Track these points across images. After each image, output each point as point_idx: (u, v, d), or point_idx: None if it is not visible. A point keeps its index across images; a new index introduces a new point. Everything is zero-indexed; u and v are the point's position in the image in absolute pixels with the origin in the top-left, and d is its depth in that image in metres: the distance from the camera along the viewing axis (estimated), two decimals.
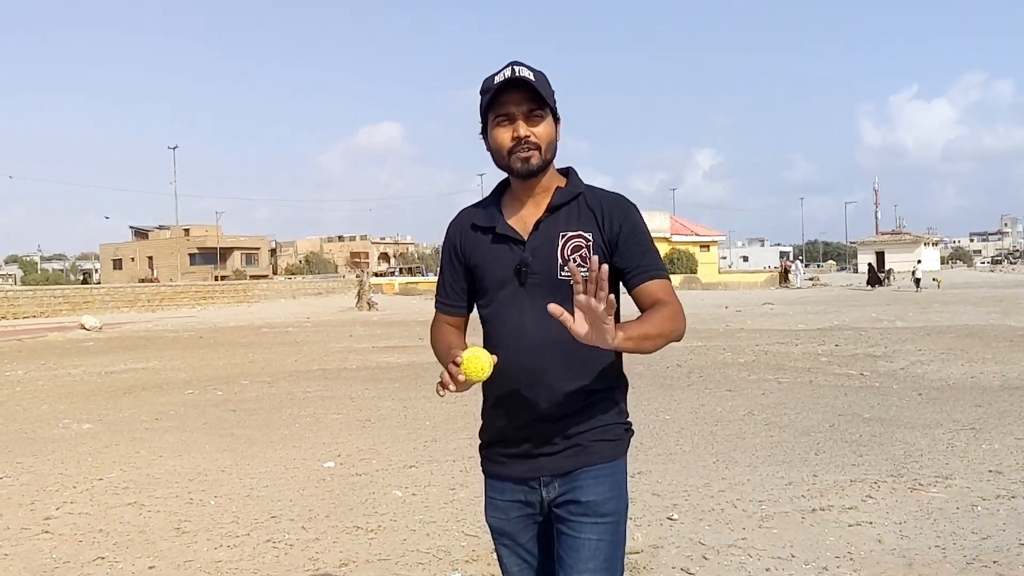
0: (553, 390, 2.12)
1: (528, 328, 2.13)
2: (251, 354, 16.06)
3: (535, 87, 2.08)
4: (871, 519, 4.85)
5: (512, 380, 2.14)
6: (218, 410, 9.39)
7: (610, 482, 2.15)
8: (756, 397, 9.31)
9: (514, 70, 2.09)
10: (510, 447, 2.20)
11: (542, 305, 2.05)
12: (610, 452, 2.17)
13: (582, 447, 2.14)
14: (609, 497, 2.14)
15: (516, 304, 2.16)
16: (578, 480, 2.13)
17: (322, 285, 53.20)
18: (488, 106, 2.12)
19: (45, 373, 13.70)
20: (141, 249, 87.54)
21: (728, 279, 55.79)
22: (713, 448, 6.77)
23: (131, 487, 6.00)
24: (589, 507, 2.12)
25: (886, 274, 49.40)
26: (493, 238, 2.20)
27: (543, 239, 2.14)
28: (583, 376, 2.13)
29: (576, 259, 2.10)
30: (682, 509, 5.12)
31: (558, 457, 2.14)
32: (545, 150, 2.12)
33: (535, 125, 2.11)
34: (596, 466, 2.14)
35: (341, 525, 5.00)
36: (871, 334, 16.79)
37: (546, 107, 2.12)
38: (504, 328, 2.18)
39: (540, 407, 2.13)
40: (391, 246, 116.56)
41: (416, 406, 9.23)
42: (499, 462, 2.23)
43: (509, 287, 2.17)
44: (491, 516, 2.27)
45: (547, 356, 2.11)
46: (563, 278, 2.10)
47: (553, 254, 2.12)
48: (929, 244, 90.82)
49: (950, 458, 6.25)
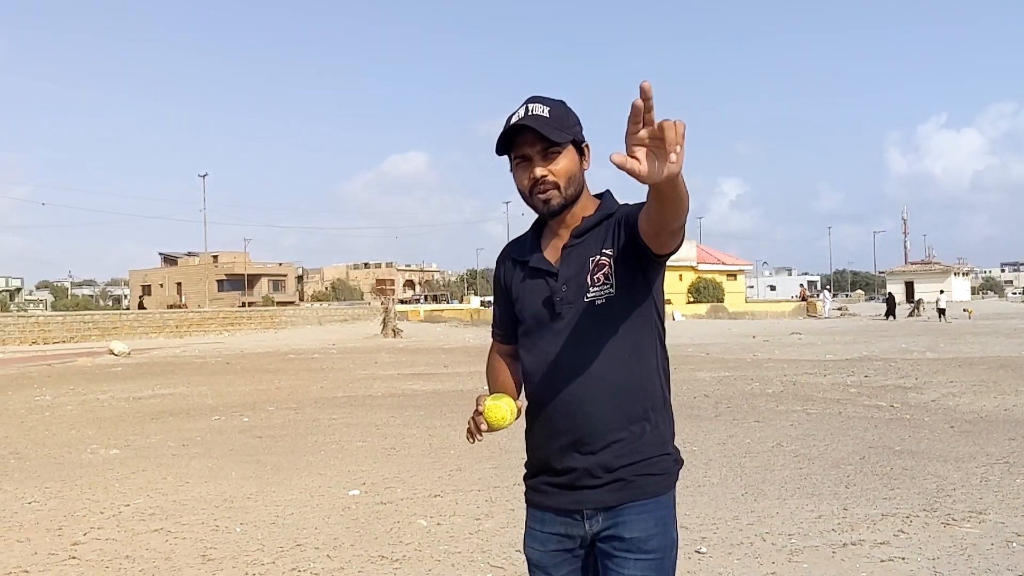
0: (592, 420, 2.08)
1: (565, 358, 2.10)
2: (277, 380, 16.13)
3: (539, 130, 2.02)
4: (904, 555, 4.76)
5: (552, 411, 2.12)
6: (244, 436, 9.42)
7: (654, 518, 2.09)
8: (785, 428, 9.20)
9: (528, 109, 2.06)
10: (553, 477, 2.15)
11: (578, 334, 2.09)
12: (655, 487, 2.11)
13: (625, 481, 2.09)
14: (654, 533, 2.08)
15: (551, 335, 2.13)
16: (622, 515, 2.08)
17: (348, 312, 53.45)
18: (505, 149, 2.11)
19: (74, 398, 13.82)
20: (170, 275, 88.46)
21: (755, 308, 55.46)
22: (742, 480, 6.69)
23: (157, 513, 6.02)
24: (633, 544, 2.07)
25: (915, 304, 48.91)
26: (529, 272, 2.20)
27: (574, 268, 2.12)
28: (623, 406, 2.08)
29: (600, 278, 2.07)
30: (711, 542, 5.05)
31: (601, 491, 2.09)
32: (566, 186, 2.09)
33: (553, 162, 2.07)
34: (640, 502, 2.09)
35: (366, 554, 4.98)
36: (901, 365, 16.59)
37: (562, 143, 2.07)
38: (541, 359, 2.15)
39: (580, 438, 2.09)
40: (416, 273, 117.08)
41: (441, 434, 9.20)
42: (542, 491, 2.19)
43: (543, 319, 2.15)
44: (529, 547, 2.23)
45: (585, 386, 2.08)
46: (588, 300, 2.08)
47: (584, 282, 2.10)
48: (959, 274, 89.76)
49: (984, 492, 6.14)
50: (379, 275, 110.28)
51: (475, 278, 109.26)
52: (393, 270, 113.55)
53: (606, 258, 2.09)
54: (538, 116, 2.04)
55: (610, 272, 2.08)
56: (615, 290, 2.07)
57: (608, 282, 2.07)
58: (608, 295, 2.07)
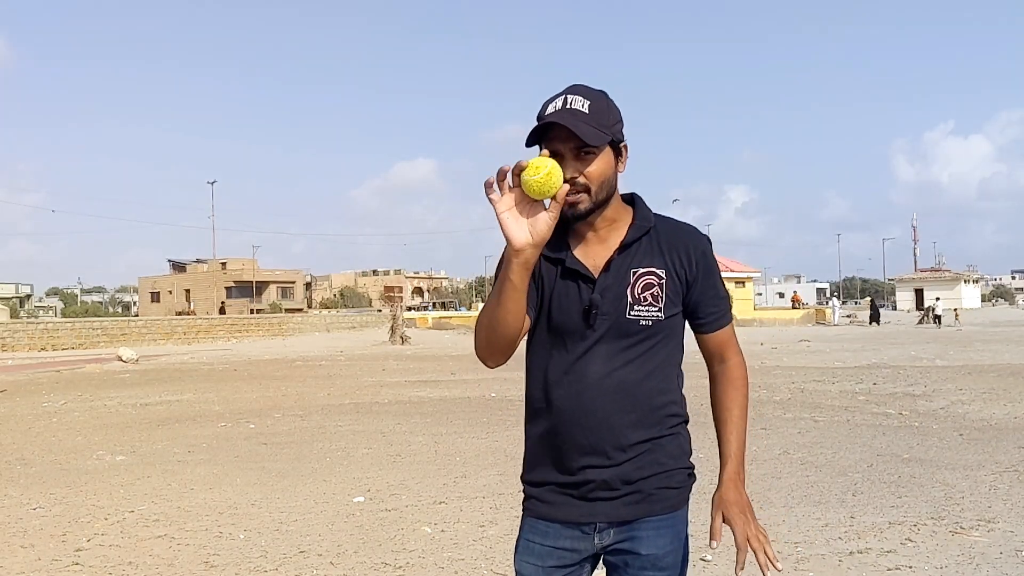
0: (614, 432, 1.99)
1: (590, 367, 1.99)
2: (284, 387, 16.14)
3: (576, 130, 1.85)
4: (911, 563, 4.72)
5: (571, 419, 2.01)
6: (250, 443, 9.42)
7: (671, 533, 2.04)
8: (792, 436, 9.15)
9: (567, 100, 1.89)
10: (566, 488, 2.04)
11: (607, 344, 1.99)
12: (673, 501, 2.05)
13: (644, 494, 2.01)
14: (670, 550, 2.03)
15: (580, 342, 2.01)
16: (638, 530, 2.02)
17: (356, 319, 53.52)
18: (536, 140, 1.92)
19: (81, 404, 13.85)
20: (178, 282, 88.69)
21: (764, 315, 55.31)
22: (748, 488, 6.58)
23: (162, 520, 6.01)
24: (648, 560, 2.01)
25: (925, 311, 48.71)
26: (562, 272, 2.03)
27: (614, 278, 1.99)
28: (646, 419, 2.01)
29: (647, 298, 1.98)
30: (716, 550, 5.02)
31: (617, 503, 2.01)
32: (597, 191, 1.92)
33: (585, 164, 1.90)
34: (658, 516, 2.02)
35: (369, 561, 4.96)
36: (910, 372, 16.51)
37: (598, 144, 1.90)
38: (563, 364, 2.02)
39: (600, 449, 1.99)
40: (425, 280, 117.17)
41: (447, 442, 9.19)
42: (548, 501, 2.07)
43: (576, 328, 2.01)
44: (523, 560, 2.10)
45: (609, 397, 1.98)
46: (631, 318, 1.98)
47: (623, 293, 1.98)
48: (969, 281, 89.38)
49: (993, 501, 6.09)
50: (387, 282, 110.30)
51: (483, 285, 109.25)
52: (401, 277, 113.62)
53: (656, 278, 2.00)
54: (576, 111, 1.88)
55: (660, 294, 2.00)
56: (663, 315, 2.00)
57: (657, 305, 1.99)
58: (656, 318, 1.99)
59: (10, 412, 12.92)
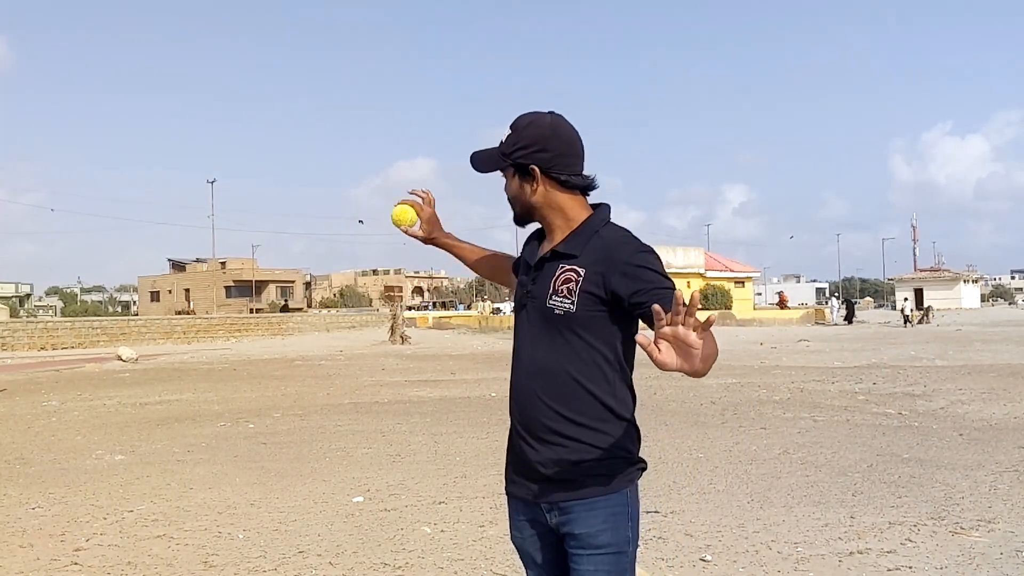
0: (542, 415, 2.17)
1: (524, 352, 2.25)
2: (284, 387, 16.13)
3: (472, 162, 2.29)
4: (911, 563, 4.71)
5: (514, 402, 2.25)
6: (249, 443, 9.41)
7: (603, 514, 2.14)
8: (791, 436, 9.15)
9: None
10: (520, 467, 2.25)
11: (535, 330, 2.21)
12: (601, 484, 2.15)
13: (572, 480, 2.15)
14: (603, 529, 2.13)
15: (519, 327, 2.29)
16: (571, 512, 2.16)
17: (356, 318, 53.48)
18: None
19: (81, 404, 13.84)
20: (178, 281, 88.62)
21: (763, 315, 55.32)
22: (748, 488, 6.65)
23: (161, 519, 6.00)
24: (583, 539, 2.14)
25: (924, 312, 48.79)
26: (523, 264, 2.36)
27: (548, 269, 2.21)
28: (568, 406, 2.15)
29: (563, 290, 2.14)
30: (716, 550, 5.01)
31: (553, 485, 2.17)
32: (513, 205, 2.29)
33: (506, 184, 2.30)
34: (588, 499, 2.14)
35: (369, 561, 4.95)
36: (910, 372, 16.51)
37: (505, 167, 2.26)
38: (513, 350, 2.31)
39: (534, 431, 2.18)
40: (425, 280, 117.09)
41: (446, 441, 9.18)
42: (512, 481, 2.30)
43: (519, 309, 2.31)
44: (513, 534, 2.36)
45: (536, 381, 2.18)
46: (549, 306, 2.16)
47: (548, 283, 2.18)
48: (969, 281, 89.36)
49: (993, 501, 6.08)
50: (387, 282, 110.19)
51: (483, 285, 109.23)
52: (402, 277, 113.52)
53: (574, 274, 2.15)
54: (489, 146, 2.29)
55: (574, 289, 2.13)
56: (575, 308, 2.13)
57: (571, 298, 2.13)
58: (567, 309, 2.14)
59: (9, 411, 12.91)
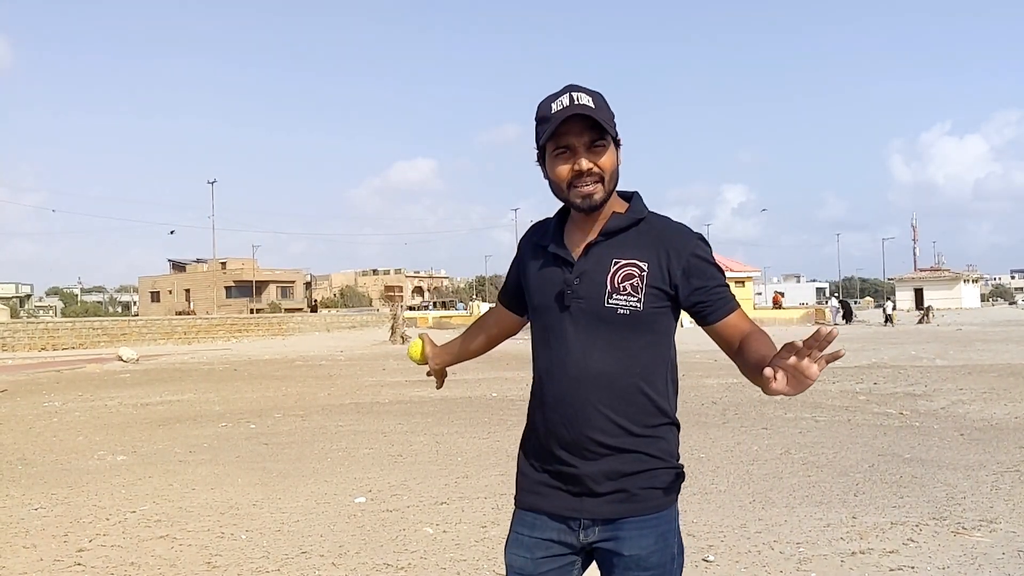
0: (595, 427, 1.99)
1: (571, 359, 2.01)
2: (284, 387, 16.13)
3: (596, 119, 1.94)
4: (913, 563, 4.72)
5: (556, 413, 2.04)
6: (251, 443, 9.41)
7: (655, 533, 2.01)
8: (793, 436, 9.15)
9: (572, 97, 1.95)
10: (553, 480, 2.07)
11: (586, 334, 2.00)
12: (658, 501, 2.03)
13: (629, 493, 2.00)
14: (654, 550, 2.00)
15: (560, 331, 2.04)
16: (622, 529, 2.01)
17: (356, 319, 53.47)
18: (547, 137, 1.98)
19: (82, 404, 13.85)
20: (178, 282, 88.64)
21: (763, 315, 55.29)
22: (749, 488, 6.65)
23: (163, 520, 6.01)
24: (632, 561, 2.00)
25: (925, 311, 48.82)
26: (547, 258, 2.10)
27: (593, 264, 2.02)
28: (628, 414, 2.00)
29: (627, 287, 1.98)
30: (718, 551, 5.02)
31: (602, 501, 2.01)
32: (608, 181, 2.00)
33: (598, 156, 1.98)
34: (640, 516, 2.01)
35: (371, 562, 4.96)
36: (910, 372, 16.51)
37: (607, 135, 1.98)
38: (548, 357, 2.07)
39: (583, 444, 2.00)
40: (425, 280, 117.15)
41: (448, 441, 9.18)
42: (537, 492, 2.10)
43: (553, 311, 2.05)
44: (513, 553, 2.12)
45: (589, 390, 1.99)
46: (609, 306, 1.98)
47: (602, 280, 1.99)
48: (969, 281, 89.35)
49: (994, 501, 6.09)
50: (388, 282, 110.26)
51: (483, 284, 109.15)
52: (402, 277, 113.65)
53: (637, 269, 1.99)
54: (585, 106, 1.95)
55: (639, 285, 1.99)
56: (642, 307, 1.99)
57: (636, 296, 1.98)
58: (633, 308, 1.98)
59: (11, 412, 12.92)
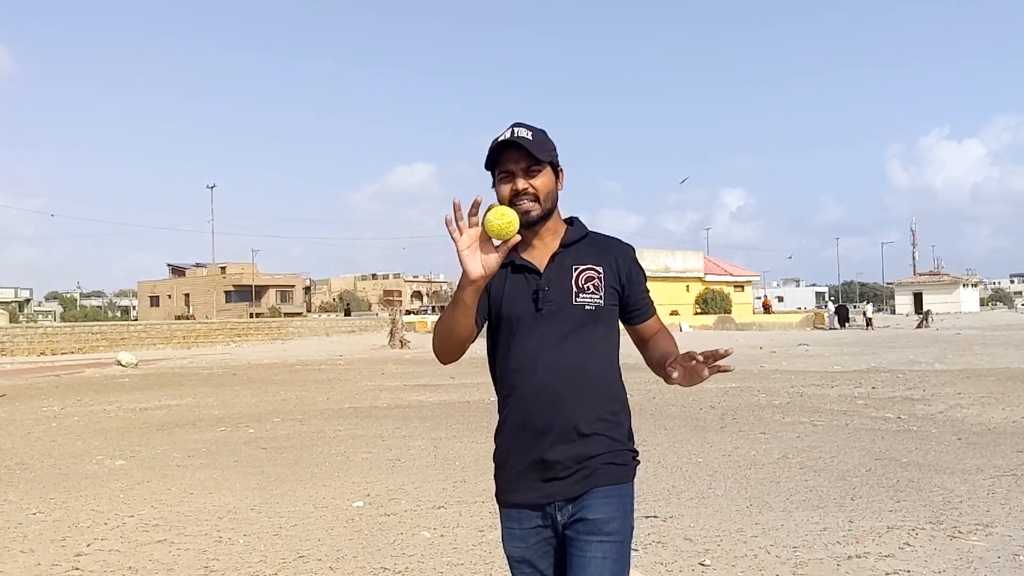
0: (567, 413, 2.26)
1: (543, 353, 2.28)
2: (283, 391, 16.14)
3: (527, 148, 2.26)
4: (909, 567, 4.73)
5: (529, 404, 2.28)
6: (249, 447, 9.42)
7: (616, 503, 2.28)
8: (791, 440, 9.17)
9: (513, 131, 2.30)
10: (528, 472, 2.30)
11: (556, 330, 2.29)
12: (619, 475, 2.31)
13: (592, 469, 2.27)
14: (614, 516, 2.26)
15: (533, 331, 2.31)
16: (587, 500, 2.27)
17: (355, 323, 53.48)
18: (492, 165, 2.33)
19: (81, 409, 13.85)
20: (178, 286, 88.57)
21: (763, 319, 55.32)
22: (746, 492, 6.66)
23: (161, 524, 6.02)
24: (595, 525, 2.25)
25: (924, 315, 48.89)
26: (512, 269, 2.36)
27: (558, 271, 2.34)
28: (595, 401, 2.30)
29: (590, 287, 2.32)
30: (715, 555, 5.03)
31: (569, 481, 2.27)
32: (544, 199, 2.32)
33: (533, 178, 2.30)
34: (604, 487, 2.27)
35: (369, 566, 4.97)
36: (909, 376, 16.52)
37: (542, 162, 2.31)
38: (521, 353, 2.31)
39: (555, 431, 2.26)
40: (424, 284, 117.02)
41: (446, 446, 9.19)
42: (516, 490, 2.33)
43: (526, 315, 2.32)
44: (511, 546, 2.36)
45: (561, 380, 2.26)
46: (577, 303, 2.30)
47: (567, 283, 2.32)
48: (968, 285, 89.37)
49: (991, 505, 6.10)
50: (387, 286, 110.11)
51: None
52: (401, 281, 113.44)
53: (595, 272, 2.35)
54: (523, 138, 2.29)
55: (600, 285, 2.34)
56: (603, 303, 2.34)
57: (599, 293, 2.33)
58: (597, 304, 2.33)
59: (10, 416, 12.92)
